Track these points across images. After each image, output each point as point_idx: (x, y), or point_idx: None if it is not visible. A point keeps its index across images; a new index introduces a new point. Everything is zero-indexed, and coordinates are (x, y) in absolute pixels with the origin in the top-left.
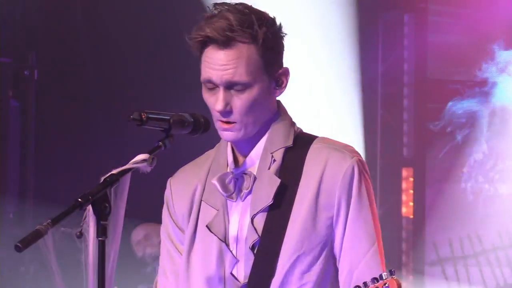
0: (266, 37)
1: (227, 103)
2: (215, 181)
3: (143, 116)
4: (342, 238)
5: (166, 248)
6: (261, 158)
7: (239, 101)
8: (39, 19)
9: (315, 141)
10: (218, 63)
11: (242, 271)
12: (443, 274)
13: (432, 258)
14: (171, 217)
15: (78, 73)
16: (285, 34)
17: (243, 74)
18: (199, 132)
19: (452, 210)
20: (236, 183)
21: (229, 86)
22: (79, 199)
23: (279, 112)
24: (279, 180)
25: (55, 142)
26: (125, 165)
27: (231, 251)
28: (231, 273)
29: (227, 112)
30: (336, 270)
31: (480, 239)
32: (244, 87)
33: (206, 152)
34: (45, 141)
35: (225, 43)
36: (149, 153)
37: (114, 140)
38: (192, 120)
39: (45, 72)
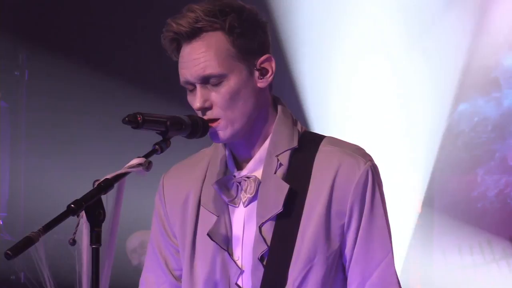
0: (234, 23)
1: (205, 100)
2: (215, 185)
3: (139, 118)
4: (353, 246)
5: (152, 255)
6: (266, 161)
7: (218, 95)
8: (29, 19)
9: (323, 142)
10: (188, 59)
11: (249, 282)
12: (452, 282)
13: (440, 266)
14: (162, 221)
15: (69, 73)
16: (265, 22)
17: (215, 66)
18: (197, 135)
19: (462, 216)
20: (238, 187)
21: (204, 80)
22: (72, 205)
23: (277, 109)
24: (288, 186)
25: (46, 143)
26: (120, 169)
27: (235, 261)
28: (236, 284)
29: (206, 108)
30: (344, 277)
31: (491, 247)
32: (219, 79)
33: (202, 150)
34: (35, 143)
35: (191, 34)
36: (145, 156)
37: (108, 143)
38: (190, 122)
39: (35, 73)
